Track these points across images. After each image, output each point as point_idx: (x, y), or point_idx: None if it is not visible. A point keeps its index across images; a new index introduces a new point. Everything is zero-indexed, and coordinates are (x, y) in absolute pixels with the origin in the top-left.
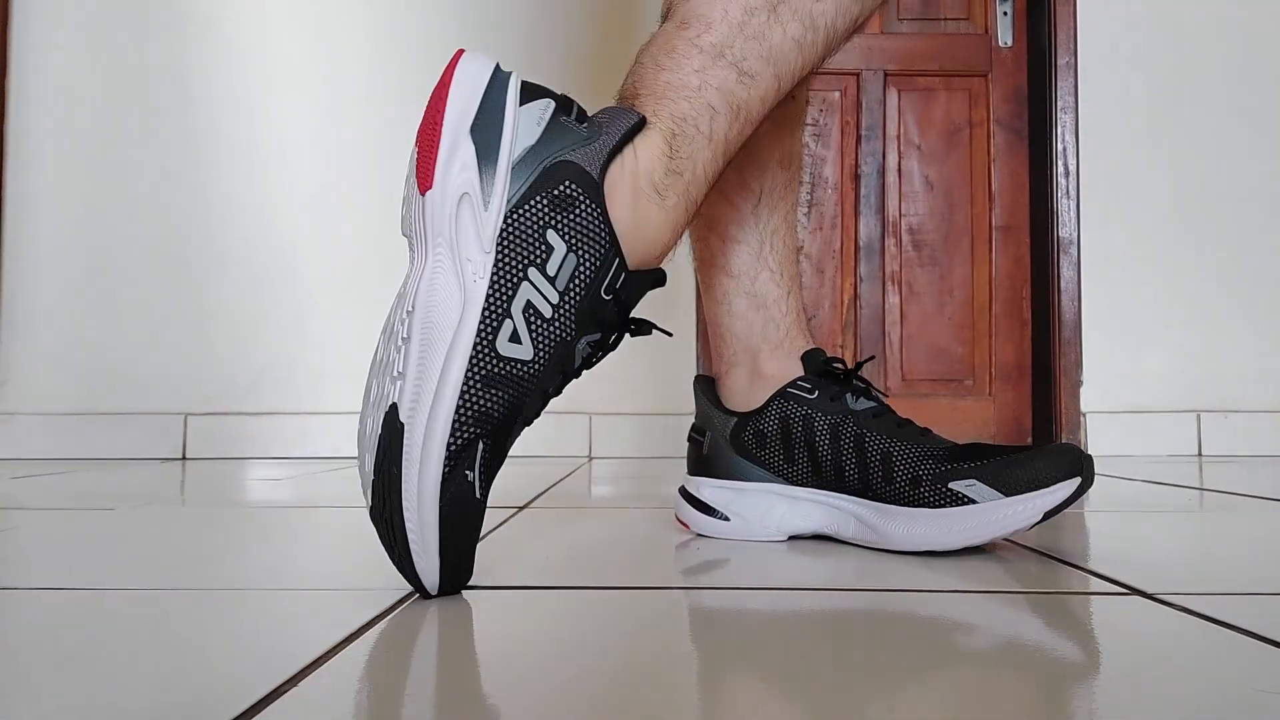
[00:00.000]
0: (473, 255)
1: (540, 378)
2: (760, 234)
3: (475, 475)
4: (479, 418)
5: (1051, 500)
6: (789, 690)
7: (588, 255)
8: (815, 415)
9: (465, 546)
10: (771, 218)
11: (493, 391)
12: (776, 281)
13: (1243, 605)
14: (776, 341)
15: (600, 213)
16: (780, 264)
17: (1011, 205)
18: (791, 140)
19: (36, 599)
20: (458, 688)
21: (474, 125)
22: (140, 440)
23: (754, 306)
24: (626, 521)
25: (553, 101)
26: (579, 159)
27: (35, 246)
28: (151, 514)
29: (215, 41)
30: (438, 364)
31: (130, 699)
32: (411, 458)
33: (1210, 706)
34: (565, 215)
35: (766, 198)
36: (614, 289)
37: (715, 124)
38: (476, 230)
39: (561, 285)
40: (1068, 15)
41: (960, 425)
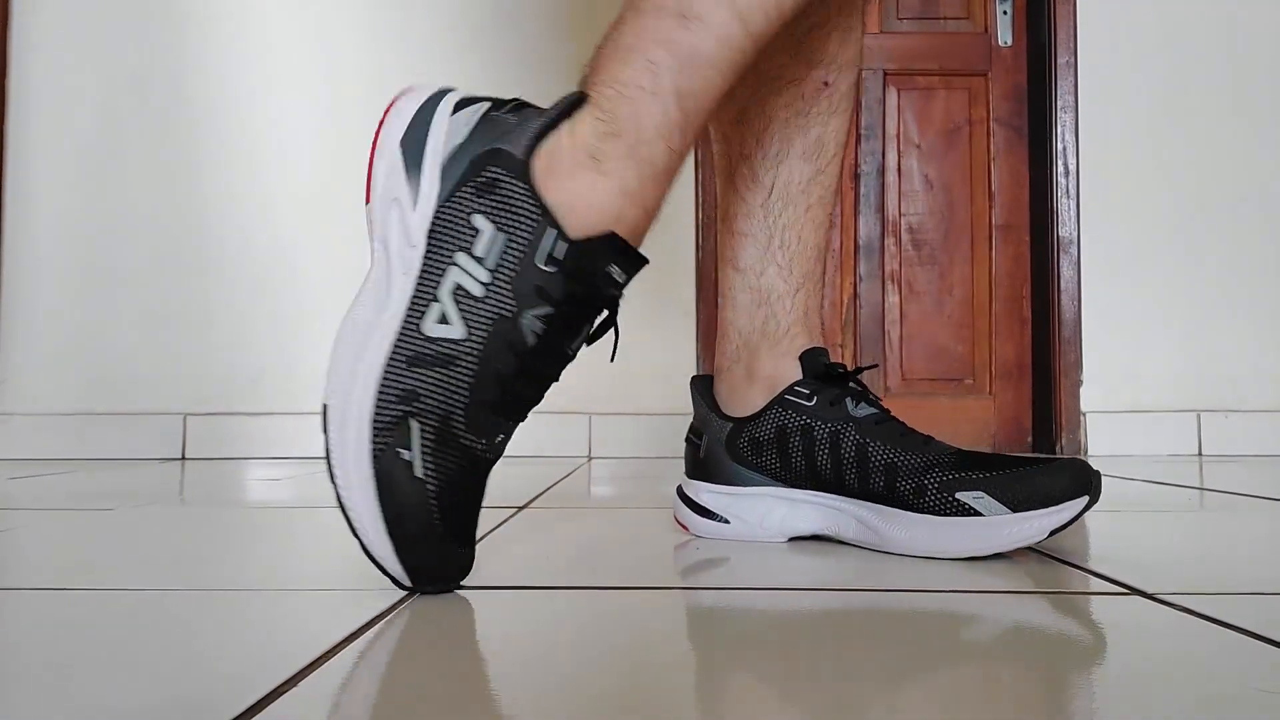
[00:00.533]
0: (403, 252)
1: (480, 355)
2: (770, 228)
3: (415, 455)
4: (405, 396)
5: (1058, 520)
6: (790, 690)
7: (516, 230)
8: (814, 424)
9: (417, 530)
10: (785, 212)
11: (419, 370)
12: (784, 278)
13: (1243, 605)
14: (776, 339)
15: (525, 188)
16: (791, 260)
17: (1011, 204)
18: (823, 130)
19: (36, 599)
20: (457, 687)
21: (403, 139)
22: (140, 440)
23: (756, 302)
24: (626, 521)
25: (487, 103)
26: (505, 144)
27: (35, 246)
28: (151, 514)
29: (215, 42)
30: (355, 348)
31: (130, 699)
32: (335, 434)
33: (1210, 706)
34: (488, 198)
35: (780, 191)
36: (555, 259)
37: (660, 78)
38: (404, 229)
39: (492, 264)
40: (1067, 14)
41: (960, 425)
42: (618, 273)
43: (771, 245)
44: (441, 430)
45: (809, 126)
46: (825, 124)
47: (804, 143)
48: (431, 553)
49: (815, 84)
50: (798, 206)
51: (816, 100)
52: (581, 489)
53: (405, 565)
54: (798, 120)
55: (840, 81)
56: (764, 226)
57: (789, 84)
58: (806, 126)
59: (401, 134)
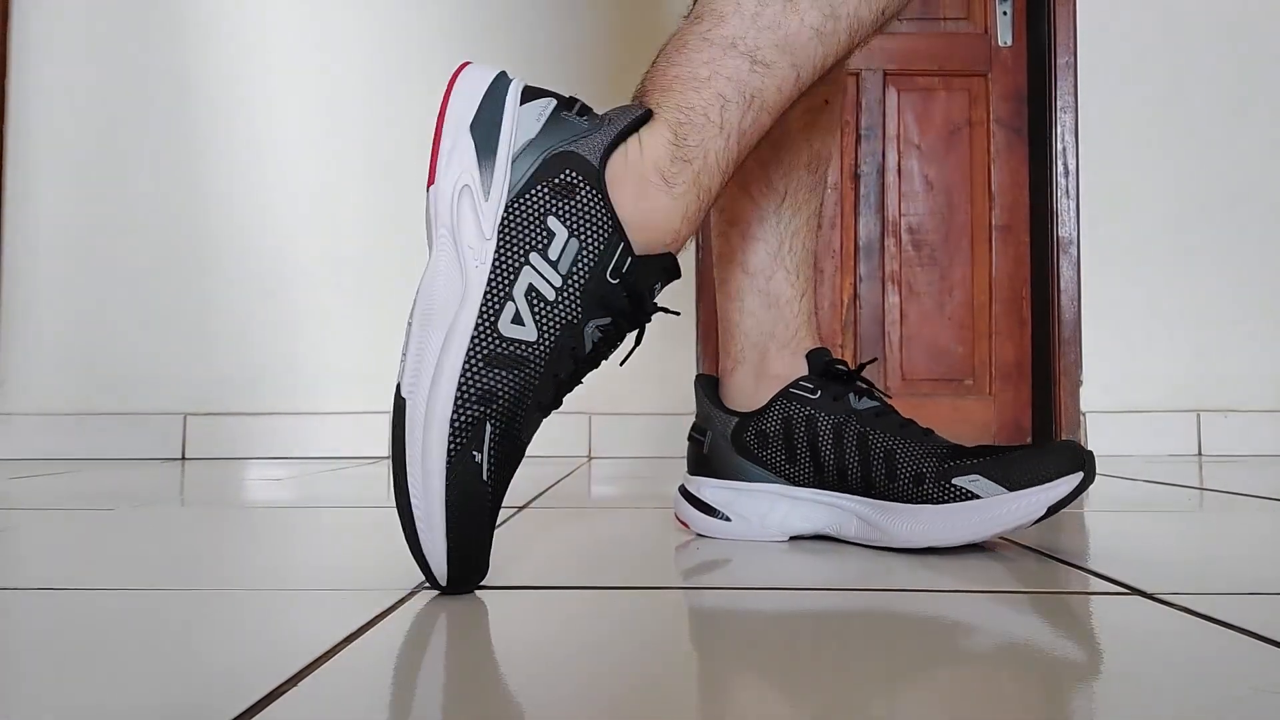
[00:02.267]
0: (474, 243)
1: (548, 359)
2: (780, 233)
3: (484, 458)
4: (483, 396)
5: (1055, 494)
6: (790, 690)
7: (590, 239)
8: (818, 415)
9: (474, 533)
10: (794, 218)
11: (496, 371)
12: (791, 282)
13: (1243, 605)
14: (784, 341)
15: (602, 199)
16: (797, 265)
17: (1011, 205)
18: (821, 144)
19: (36, 599)
20: (457, 687)
21: (473, 123)
22: (140, 440)
23: (766, 305)
24: (627, 521)
25: (554, 100)
26: (579, 149)
27: (35, 246)
28: (151, 514)
29: (215, 41)
30: (437, 342)
31: (130, 699)
32: (414, 434)
33: (1210, 706)
34: (565, 201)
35: (790, 198)
36: (620, 273)
37: (727, 113)
38: (477, 219)
39: (564, 269)
40: (1067, 15)
41: (960, 425)
42: (659, 289)
43: (782, 250)
44: (506, 431)
45: (812, 139)
46: (824, 139)
47: (808, 154)
48: (478, 554)
49: (819, 100)
50: (802, 214)
51: (819, 116)
52: (581, 489)
53: (451, 566)
54: (805, 133)
55: (836, 101)
56: (776, 232)
57: (802, 98)
58: (810, 139)
59: (472, 116)
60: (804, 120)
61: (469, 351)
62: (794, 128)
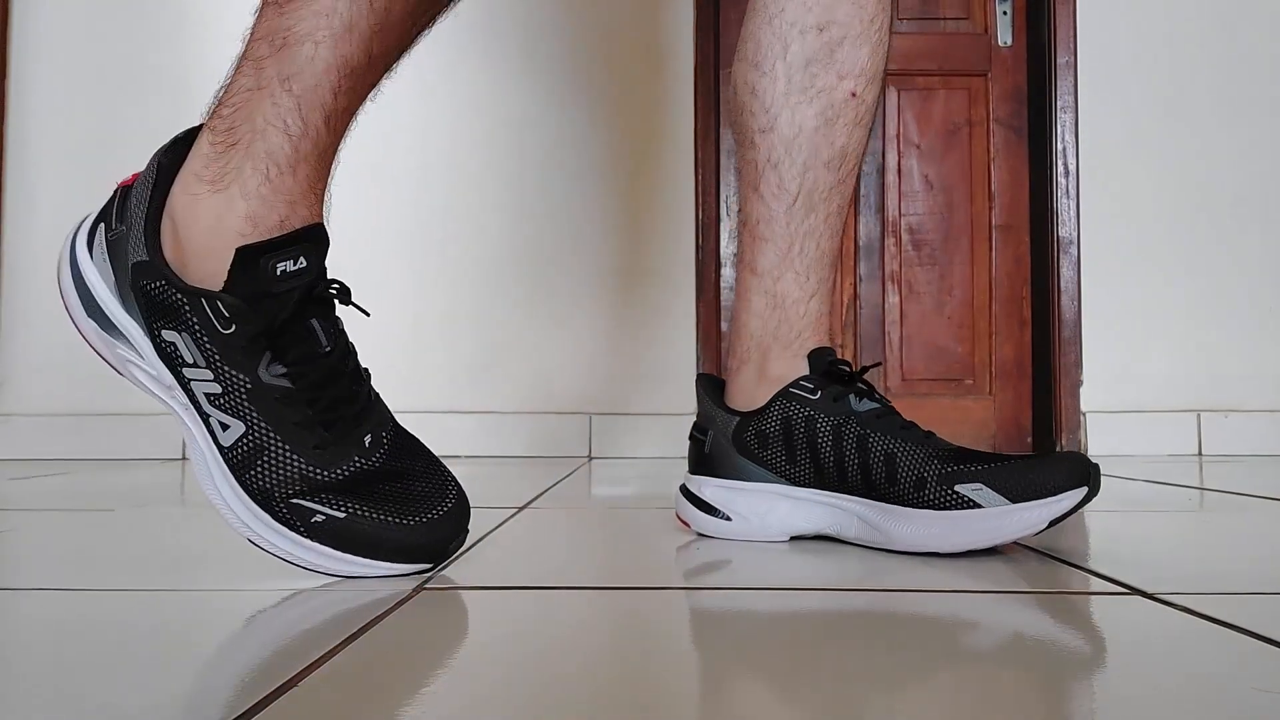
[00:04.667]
0: (172, 395)
1: (273, 425)
2: (791, 234)
3: (325, 510)
4: (272, 491)
5: (1058, 509)
6: (790, 690)
7: (187, 323)
8: (818, 416)
9: (374, 540)
10: (807, 219)
11: (258, 468)
12: (800, 284)
13: (1243, 605)
14: (787, 342)
15: (161, 281)
16: (809, 266)
17: (1011, 205)
18: (848, 140)
19: (36, 599)
20: (457, 687)
21: (86, 309)
22: (139, 441)
23: (771, 306)
24: (627, 522)
25: (101, 222)
26: (135, 257)
27: (34, 247)
28: (151, 514)
29: (215, 42)
30: (227, 499)
31: (130, 699)
32: (283, 548)
33: (1210, 706)
34: (153, 309)
35: (804, 199)
36: (226, 318)
37: (263, 72)
38: (154, 379)
39: (202, 361)
40: (1067, 15)
41: (960, 425)
42: (289, 264)
43: (791, 251)
44: (315, 482)
45: (835, 137)
46: (850, 135)
47: (829, 152)
48: (401, 540)
49: (844, 94)
50: (818, 214)
51: (844, 111)
52: (581, 489)
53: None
54: (826, 130)
55: (867, 94)
56: (785, 233)
57: (820, 94)
58: (833, 137)
59: (81, 306)
60: (823, 116)
61: (235, 478)
62: (808, 125)
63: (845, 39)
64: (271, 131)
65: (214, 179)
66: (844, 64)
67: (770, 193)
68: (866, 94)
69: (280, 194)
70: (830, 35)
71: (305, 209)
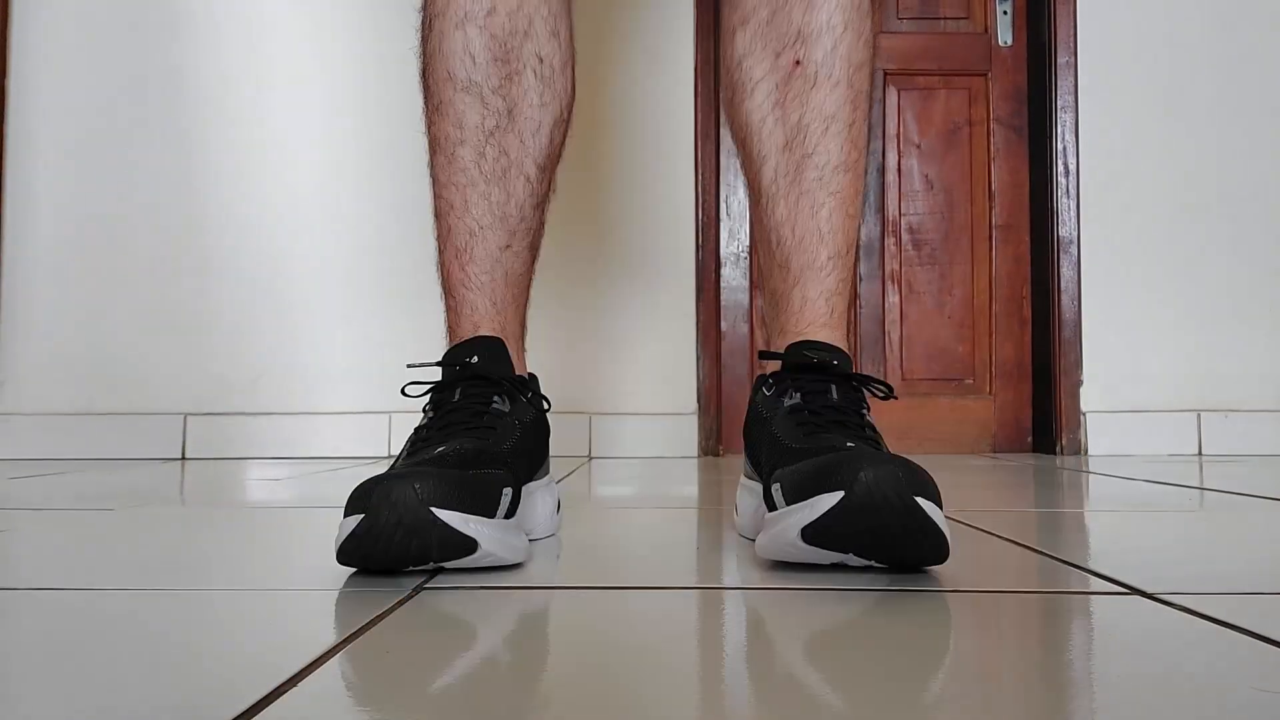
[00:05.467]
0: None
1: None
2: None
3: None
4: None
5: (806, 516)
6: (790, 691)
7: None
8: (762, 413)
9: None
10: (774, 210)
11: None
12: (783, 277)
13: (1243, 605)
14: (784, 338)
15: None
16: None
17: (1011, 204)
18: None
19: (36, 599)
20: (457, 688)
21: None
22: (139, 440)
23: (769, 304)
24: (627, 522)
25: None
26: None
27: (34, 247)
28: (150, 514)
29: (215, 42)
30: None
31: (129, 700)
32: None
33: (1210, 706)
34: None
35: (767, 191)
36: None
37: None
38: None
39: None
40: (1067, 14)
41: (960, 425)
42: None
43: (770, 247)
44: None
45: (786, 115)
46: (804, 104)
47: (784, 133)
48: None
49: (784, 71)
50: (787, 201)
51: (789, 86)
52: (582, 489)
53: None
54: (774, 114)
55: (811, 53)
56: (762, 231)
57: (757, 84)
58: (784, 116)
59: None
60: (764, 105)
61: None
62: (751, 119)
63: (775, 11)
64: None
65: None
66: (776, 38)
67: (749, 194)
68: (811, 54)
69: None
70: (760, 16)
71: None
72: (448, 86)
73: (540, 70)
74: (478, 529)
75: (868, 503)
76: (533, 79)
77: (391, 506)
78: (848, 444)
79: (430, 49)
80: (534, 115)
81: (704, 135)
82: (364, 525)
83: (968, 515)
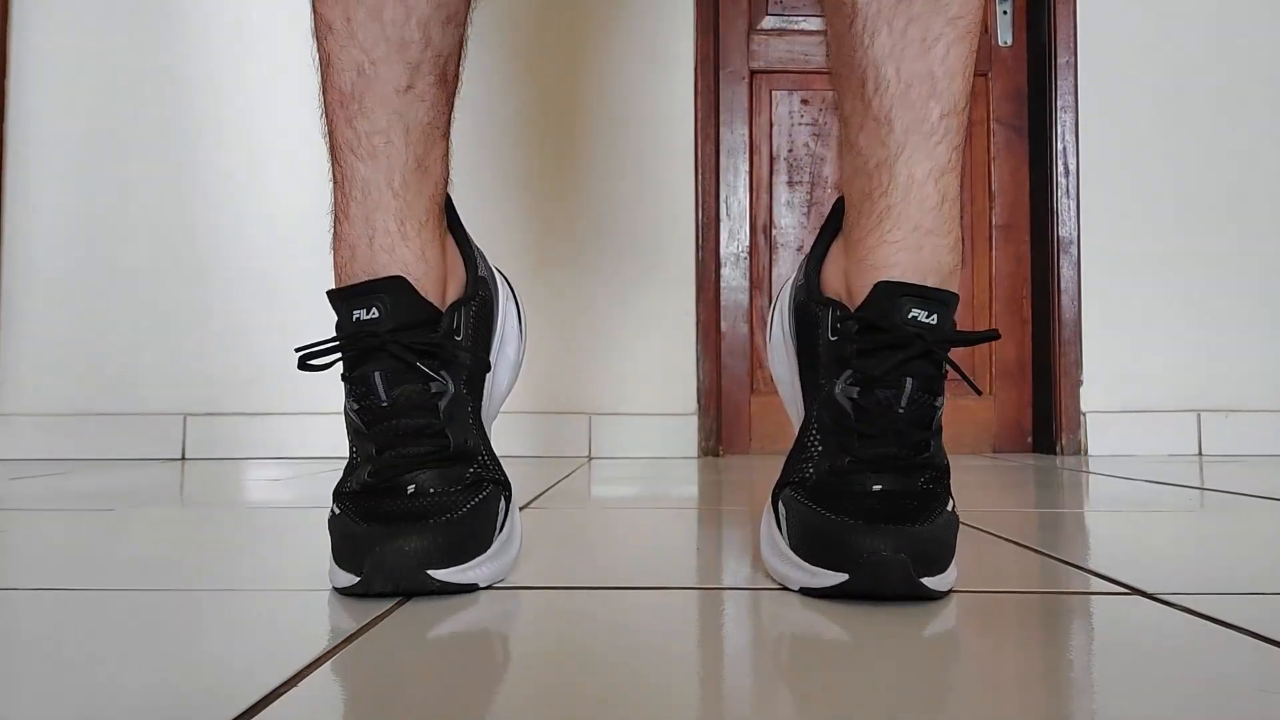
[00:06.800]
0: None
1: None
2: (861, 64)
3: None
4: None
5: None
6: (790, 691)
7: None
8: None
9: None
10: (876, 37)
11: None
12: (882, 136)
13: (1243, 605)
14: (870, 226)
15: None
16: (891, 106)
17: (1011, 204)
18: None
19: (36, 599)
20: (457, 688)
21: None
22: (139, 441)
23: (855, 168)
24: (627, 522)
25: None
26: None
27: (34, 246)
28: (150, 514)
29: (215, 40)
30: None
31: (129, 699)
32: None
33: (1210, 706)
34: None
35: (864, 7)
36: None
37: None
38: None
39: None
40: (1068, 14)
41: (960, 425)
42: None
43: (866, 88)
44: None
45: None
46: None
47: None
48: None
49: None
50: (892, 26)
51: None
52: (582, 489)
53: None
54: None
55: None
56: (851, 63)
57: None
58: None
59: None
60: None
61: None
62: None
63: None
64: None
65: None
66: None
67: (831, 11)
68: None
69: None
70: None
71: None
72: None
73: None
74: (476, 573)
75: (871, 588)
76: None
77: (387, 574)
78: (874, 486)
79: None
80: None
81: (704, 136)
82: (359, 588)
83: (968, 515)
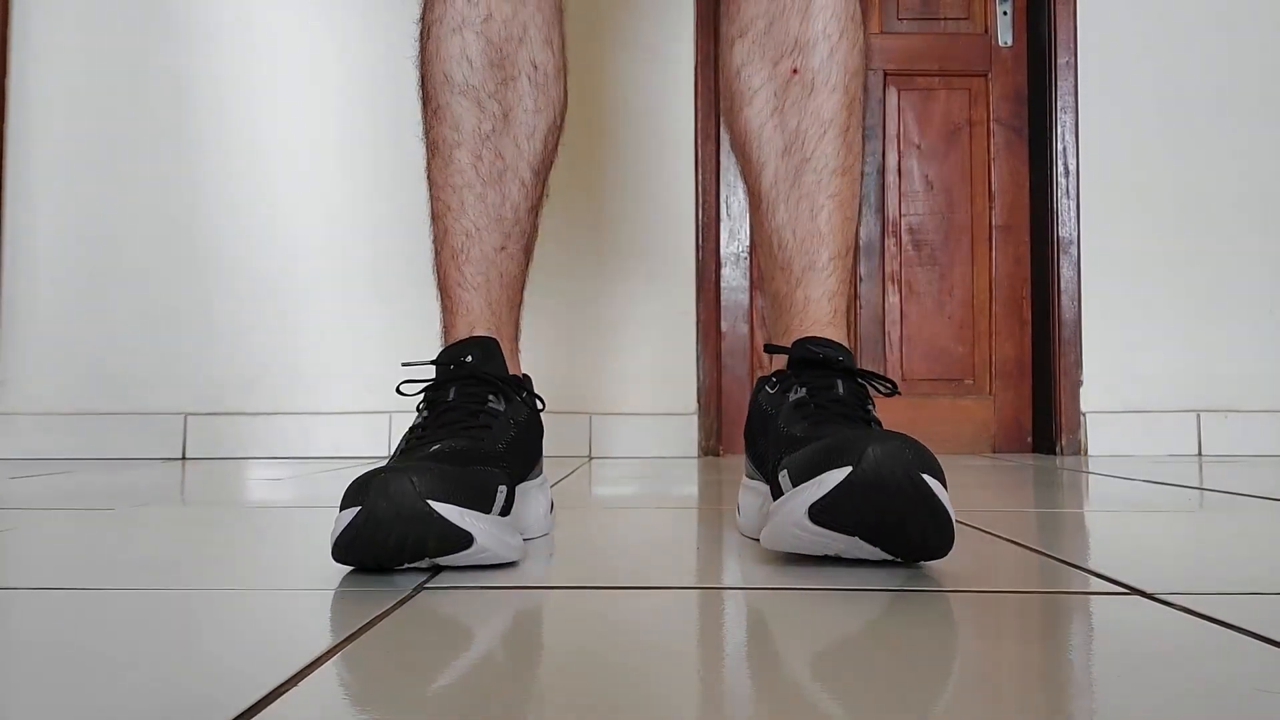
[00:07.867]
0: None
1: None
2: (767, 234)
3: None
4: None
5: (814, 493)
6: (790, 691)
7: None
8: (767, 410)
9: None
10: (775, 214)
11: None
12: (785, 279)
13: (1243, 605)
14: (787, 339)
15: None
16: (789, 258)
17: (1011, 205)
18: (799, 117)
19: (36, 599)
20: (457, 688)
21: None
22: (140, 440)
23: (771, 306)
24: (627, 522)
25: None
26: None
27: (35, 246)
28: (151, 514)
29: (215, 42)
30: None
31: (130, 699)
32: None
33: (1210, 707)
34: None
35: (767, 196)
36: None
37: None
38: None
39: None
40: (1068, 15)
41: (960, 425)
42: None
43: (772, 250)
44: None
45: (784, 122)
46: (802, 111)
47: (783, 139)
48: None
49: (782, 79)
50: (787, 204)
51: (786, 93)
52: (582, 489)
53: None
54: (772, 120)
55: (808, 61)
56: (763, 234)
57: (756, 92)
58: (782, 123)
59: None
60: (763, 112)
61: None
62: (751, 126)
63: (773, 20)
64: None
65: None
66: (774, 47)
67: (749, 199)
68: (808, 61)
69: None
70: (757, 27)
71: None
72: (445, 90)
73: (534, 76)
74: (474, 523)
75: (875, 478)
76: (527, 84)
77: (389, 499)
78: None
79: (428, 54)
80: (529, 120)
81: (704, 135)
82: (361, 516)
83: (968, 515)
